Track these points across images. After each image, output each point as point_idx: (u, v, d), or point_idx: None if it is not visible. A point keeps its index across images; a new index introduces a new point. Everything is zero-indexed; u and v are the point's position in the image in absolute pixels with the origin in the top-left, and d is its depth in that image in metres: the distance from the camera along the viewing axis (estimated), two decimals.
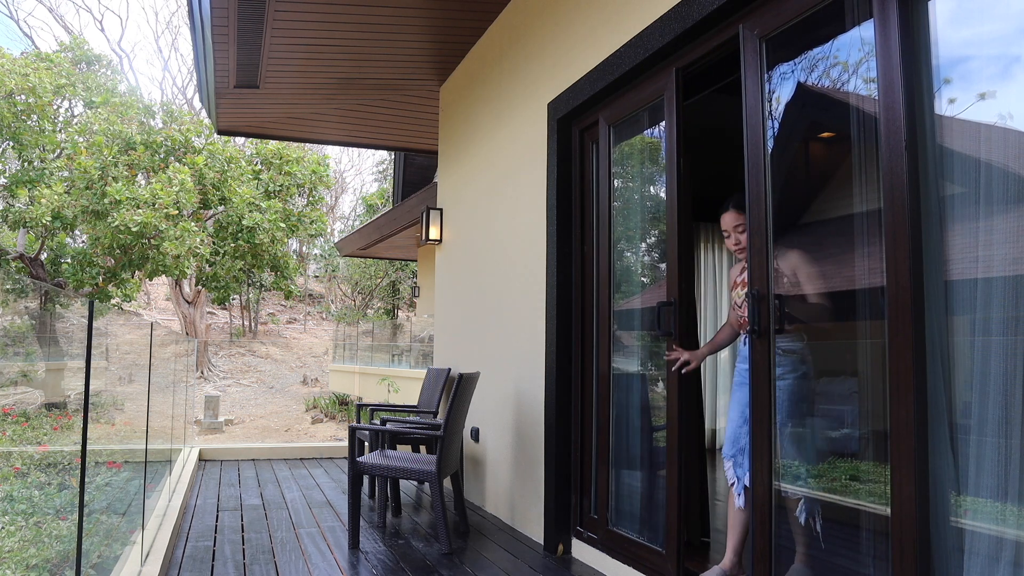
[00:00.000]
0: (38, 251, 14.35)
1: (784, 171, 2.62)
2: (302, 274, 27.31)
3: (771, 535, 2.43)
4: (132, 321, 19.62)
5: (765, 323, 2.46)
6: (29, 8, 45.08)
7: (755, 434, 2.48)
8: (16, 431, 7.52)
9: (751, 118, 2.55)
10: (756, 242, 2.53)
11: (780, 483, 2.52)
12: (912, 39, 2.00)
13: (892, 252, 2.00)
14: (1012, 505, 1.74)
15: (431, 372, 5.85)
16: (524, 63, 4.47)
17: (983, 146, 1.88)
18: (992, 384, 1.79)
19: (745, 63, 2.59)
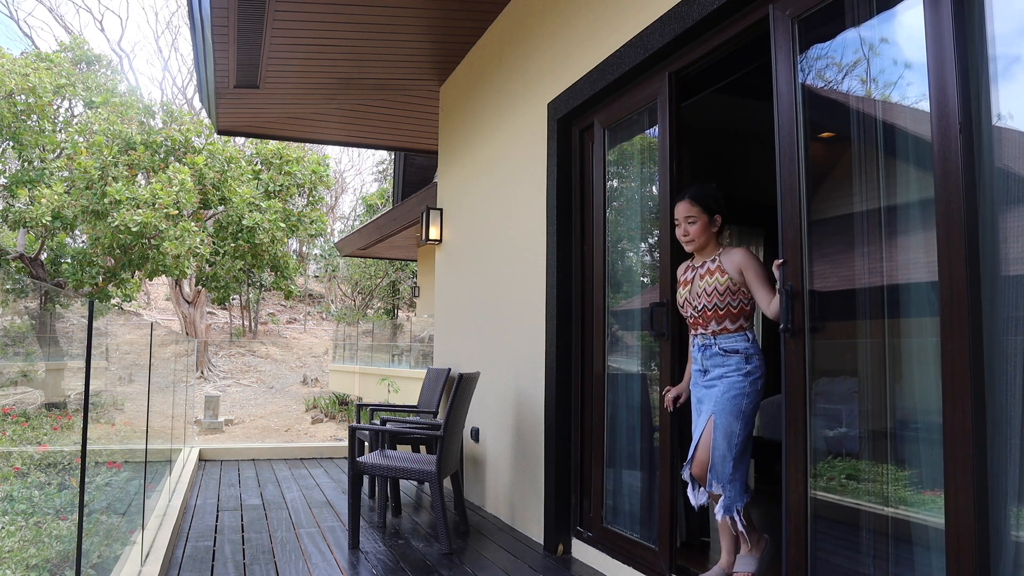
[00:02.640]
0: (38, 251, 14.36)
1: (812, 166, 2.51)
2: (302, 274, 27.31)
3: (807, 545, 2.33)
4: (132, 321, 19.62)
5: (800, 321, 2.36)
6: (29, 8, 45.09)
7: (789, 439, 2.39)
8: (16, 431, 7.52)
9: (783, 103, 2.44)
10: (789, 235, 2.42)
11: (816, 492, 2.40)
12: (964, 13, 1.88)
13: (945, 245, 1.86)
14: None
15: (431, 372, 5.85)
16: (524, 63, 4.47)
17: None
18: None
19: (776, 45, 2.48)
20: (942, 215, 1.89)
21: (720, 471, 2.66)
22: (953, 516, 1.84)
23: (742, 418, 2.65)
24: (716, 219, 2.77)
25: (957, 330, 1.84)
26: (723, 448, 2.66)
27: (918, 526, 2.13)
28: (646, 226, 3.57)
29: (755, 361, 2.69)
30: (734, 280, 2.70)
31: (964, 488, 1.81)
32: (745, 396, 2.66)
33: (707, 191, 2.78)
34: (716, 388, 2.70)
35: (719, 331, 2.72)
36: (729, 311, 2.71)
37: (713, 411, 2.68)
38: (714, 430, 2.67)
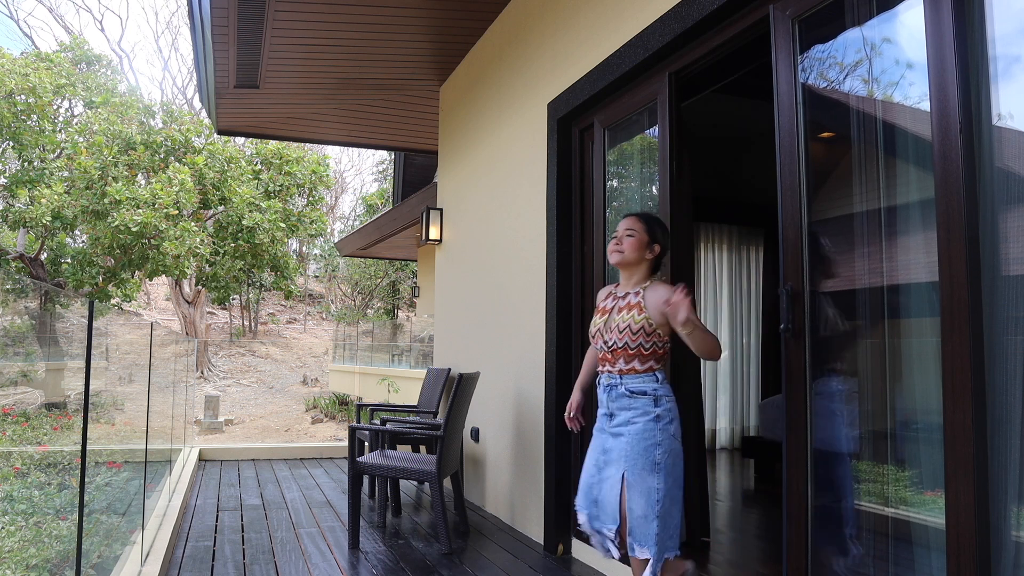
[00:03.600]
0: (38, 251, 14.35)
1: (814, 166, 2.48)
2: (302, 274, 27.31)
3: (808, 550, 2.31)
4: (132, 321, 19.62)
5: (800, 322, 2.35)
6: (29, 8, 45.08)
7: (790, 443, 2.37)
8: (16, 431, 7.52)
9: (783, 103, 2.44)
10: (790, 234, 2.41)
11: (810, 495, 2.37)
12: (964, 13, 1.88)
13: (945, 245, 1.86)
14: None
15: (431, 372, 5.85)
16: (524, 63, 4.47)
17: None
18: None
19: (776, 45, 2.48)
20: (942, 215, 1.89)
21: (642, 534, 2.32)
22: (954, 516, 1.84)
23: (659, 471, 2.34)
24: (655, 247, 2.53)
25: (957, 330, 1.84)
26: (642, 508, 2.33)
27: (918, 526, 2.13)
28: None
29: (665, 403, 2.41)
30: (651, 321, 2.42)
31: (965, 488, 1.81)
32: (658, 445, 2.36)
33: (658, 220, 2.60)
34: (623, 439, 2.40)
35: (627, 370, 2.44)
36: (640, 351, 2.43)
37: (624, 468, 2.37)
38: (628, 490, 2.35)
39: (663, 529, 2.32)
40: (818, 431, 2.38)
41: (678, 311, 2.24)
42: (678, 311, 2.24)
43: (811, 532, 2.33)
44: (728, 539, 3.87)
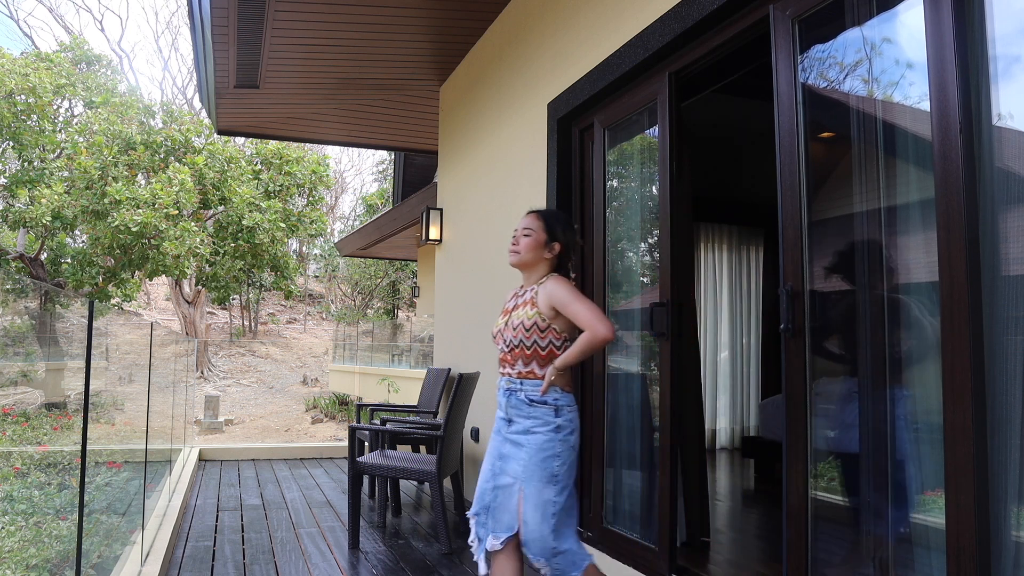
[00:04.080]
0: (38, 251, 14.36)
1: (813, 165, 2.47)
2: (302, 274, 27.31)
3: (808, 547, 2.31)
4: (132, 321, 19.63)
5: (800, 321, 2.35)
6: (29, 8, 45.08)
7: (790, 439, 2.37)
8: (16, 431, 7.52)
9: (783, 103, 2.44)
10: (790, 234, 2.40)
11: (816, 492, 2.37)
12: (964, 13, 1.88)
13: (945, 245, 1.86)
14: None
15: (431, 372, 5.85)
16: (524, 63, 4.47)
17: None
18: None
19: (776, 45, 2.48)
20: (942, 215, 1.89)
21: (539, 548, 2.26)
22: (953, 516, 1.84)
23: (557, 483, 2.28)
24: (554, 246, 2.44)
25: (957, 330, 1.84)
26: (537, 521, 2.25)
27: (918, 526, 2.13)
28: (646, 226, 3.57)
29: (566, 413, 2.33)
30: (543, 316, 2.34)
31: (964, 488, 1.81)
32: (556, 457, 2.29)
33: (559, 217, 2.52)
34: (522, 450, 2.31)
35: (526, 374, 2.35)
36: (537, 352, 2.34)
37: (521, 480, 2.29)
38: (524, 503, 2.27)
39: (560, 541, 2.27)
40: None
41: (551, 296, 2.31)
42: (551, 296, 2.31)
43: (811, 532, 2.33)
44: (728, 539, 3.87)
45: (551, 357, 2.34)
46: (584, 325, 2.24)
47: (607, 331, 2.21)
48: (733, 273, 7.15)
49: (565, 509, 2.31)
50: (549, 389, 2.32)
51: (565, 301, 2.30)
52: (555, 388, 2.33)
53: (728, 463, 6.47)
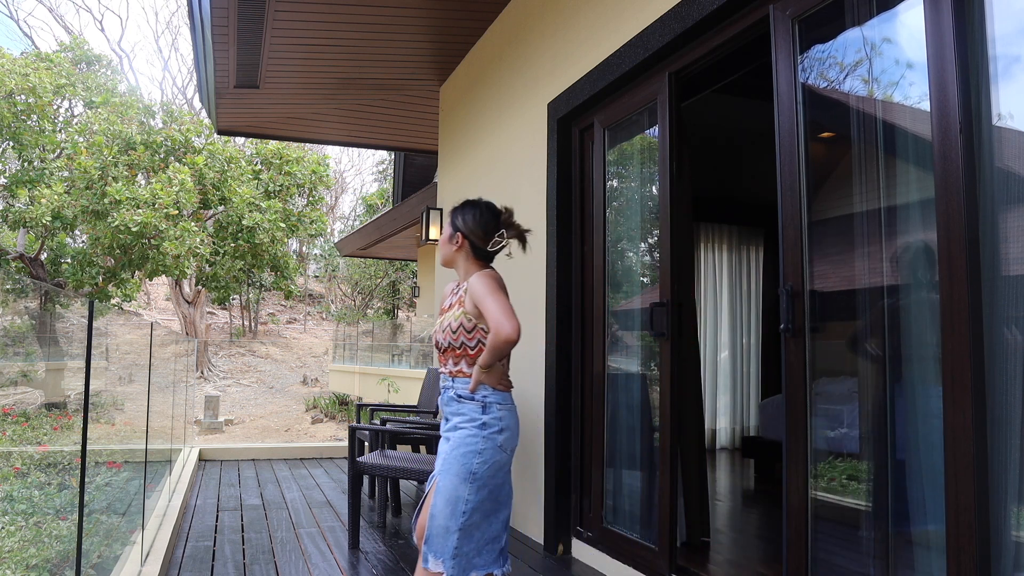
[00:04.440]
0: (38, 251, 14.35)
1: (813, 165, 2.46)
2: (302, 274, 27.30)
3: (807, 547, 2.31)
4: (132, 321, 19.63)
5: (800, 321, 2.34)
6: (29, 8, 45.07)
7: (790, 439, 2.37)
8: (16, 431, 7.52)
9: (783, 103, 2.44)
10: (790, 234, 2.40)
11: (816, 492, 2.37)
12: (964, 13, 1.89)
13: (945, 245, 1.87)
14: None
15: (431, 372, 5.85)
16: (524, 63, 4.47)
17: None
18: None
19: (776, 45, 2.48)
20: (942, 215, 1.89)
21: (438, 545, 2.15)
22: (953, 516, 1.84)
23: (474, 481, 2.17)
24: (456, 237, 2.35)
25: (957, 330, 1.84)
26: (444, 517, 2.16)
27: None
28: (646, 226, 3.58)
29: (495, 411, 2.24)
30: (469, 316, 2.26)
31: (964, 488, 1.81)
32: (477, 454, 2.19)
33: (464, 206, 2.39)
34: (449, 443, 2.26)
35: (456, 372, 2.29)
36: (467, 351, 2.27)
37: (439, 473, 2.23)
38: (435, 495, 2.20)
39: (465, 543, 2.15)
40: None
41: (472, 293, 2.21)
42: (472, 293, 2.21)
43: (811, 531, 2.33)
44: (728, 539, 3.87)
45: (480, 356, 2.27)
46: (489, 324, 2.14)
47: (510, 330, 2.08)
48: (733, 273, 7.15)
49: (480, 511, 2.18)
50: (478, 387, 2.25)
51: (479, 298, 2.20)
52: (485, 386, 2.26)
53: (728, 463, 6.47)
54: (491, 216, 2.38)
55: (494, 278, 2.26)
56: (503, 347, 2.13)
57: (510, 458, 2.30)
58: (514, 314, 2.12)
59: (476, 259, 2.36)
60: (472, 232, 2.34)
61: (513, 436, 2.30)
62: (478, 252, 2.35)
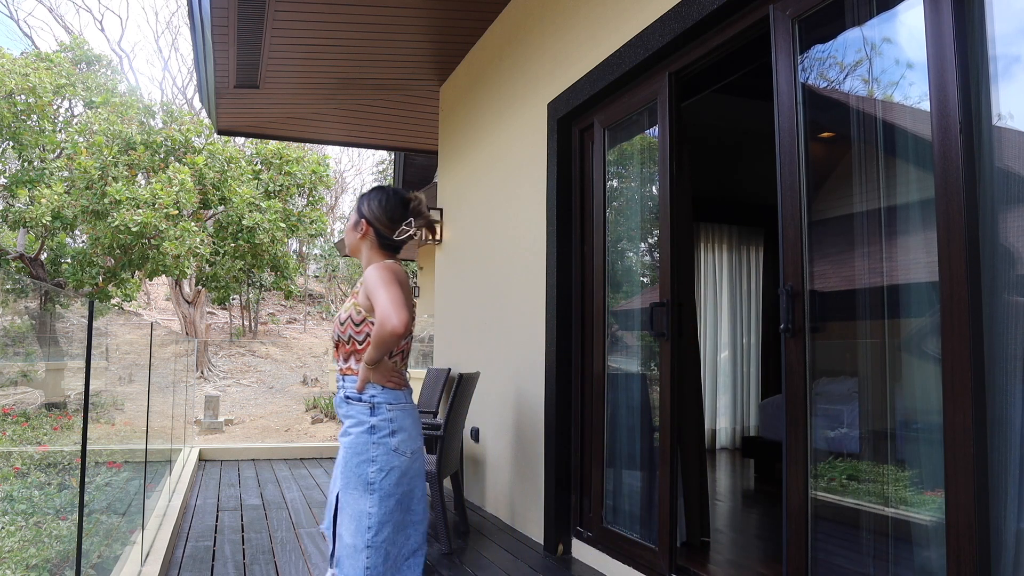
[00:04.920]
0: (38, 251, 14.35)
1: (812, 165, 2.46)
2: (302, 274, 27.29)
3: (807, 547, 2.31)
4: (132, 321, 19.62)
5: (800, 321, 2.34)
6: (29, 8, 45.06)
7: (790, 439, 2.37)
8: (16, 431, 7.52)
9: (783, 103, 2.45)
10: (790, 234, 2.40)
11: (816, 492, 2.36)
12: (964, 13, 1.89)
13: (945, 245, 1.87)
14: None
15: (431, 372, 5.85)
16: (524, 63, 4.47)
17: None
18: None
19: (776, 45, 2.48)
20: (942, 215, 1.89)
21: (349, 567, 2.00)
22: (953, 516, 1.84)
23: (374, 492, 2.01)
24: (361, 224, 2.18)
25: (957, 330, 1.85)
26: (350, 535, 2.00)
27: (919, 526, 2.13)
28: (646, 226, 3.58)
29: (384, 411, 2.06)
30: (359, 309, 2.10)
31: (964, 488, 1.81)
32: (371, 462, 2.02)
33: (372, 192, 2.23)
34: (341, 453, 2.10)
35: (346, 370, 2.14)
36: (355, 347, 2.11)
37: (340, 488, 2.06)
38: (340, 513, 2.05)
39: (379, 561, 1.99)
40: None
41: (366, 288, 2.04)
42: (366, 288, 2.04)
43: (811, 531, 2.33)
44: (728, 539, 3.87)
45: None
46: (377, 316, 1.97)
47: (396, 322, 1.90)
48: (733, 273, 7.15)
49: (391, 524, 2.02)
50: (366, 386, 2.07)
51: (371, 289, 2.02)
52: (374, 384, 2.07)
53: (728, 463, 6.47)
54: (398, 203, 2.19)
55: (391, 270, 2.07)
56: (389, 340, 1.94)
57: (413, 461, 2.10)
58: (405, 307, 1.96)
59: (381, 249, 2.19)
60: (377, 219, 2.17)
61: (411, 437, 2.10)
62: (383, 241, 2.18)
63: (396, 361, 2.15)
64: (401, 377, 2.15)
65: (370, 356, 2.02)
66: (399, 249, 2.23)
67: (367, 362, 2.04)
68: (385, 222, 2.17)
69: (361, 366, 2.07)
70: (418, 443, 2.14)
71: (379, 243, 2.18)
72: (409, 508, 2.08)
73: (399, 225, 2.18)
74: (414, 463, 2.10)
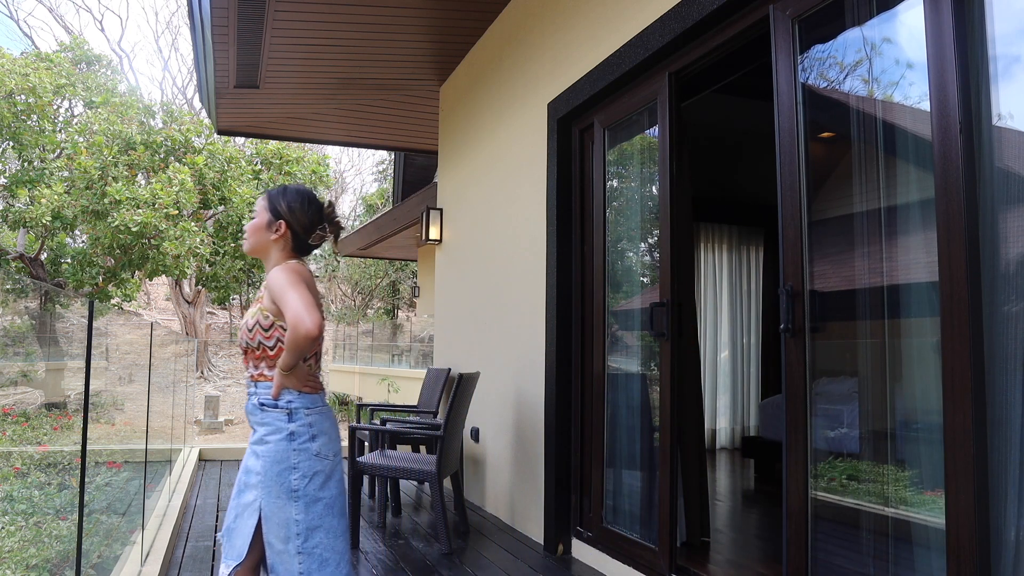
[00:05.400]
0: (38, 251, 14.35)
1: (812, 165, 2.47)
2: None
3: (807, 547, 2.31)
4: (132, 321, 19.62)
5: (800, 321, 2.34)
6: (29, 8, 45.06)
7: (790, 439, 2.37)
8: (16, 431, 7.52)
9: (783, 103, 2.44)
10: (790, 234, 2.40)
11: (816, 492, 2.36)
12: (964, 13, 1.89)
13: (945, 245, 1.87)
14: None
15: (431, 372, 5.85)
16: (524, 63, 4.47)
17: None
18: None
19: (776, 45, 2.48)
20: (942, 215, 1.89)
21: (283, 571, 2.00)
22: (954, 516, 1.84)
23: (299, 499, 1.99)
24: (278, 225, 2.11)
25: (957, 330, 1.85)
26: (280, 541, 1.99)
27: (919, 526, 2.13)
28: (646, 226, 3.58)
29: (302, 417, 2.03)
30: (266, 313, 2.04)
31: (965, 488, 1.81)
32: (293, 469, 2.00)
33: (287, 192, 2.16)
34: (259, 462, 2.03)
35: (258, 376, 2.08)
36: (266, 352, 2.05)
37: (261, 497, 2.02)
38: (264, 522, 2.01)
39: (314, 567, 1.99)
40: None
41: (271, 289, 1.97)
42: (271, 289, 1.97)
43: (811, 531, 2.33)
44: (728, 539, 3.87)
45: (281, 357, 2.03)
46: (287, 319, 1.91)
47: (310, 325, 1.86)
48: (733, 273, 7.15)
49: (323, 529, 2.01)
50: (281, 392, 2.03)
51: (278, 292, 1.96)
52: (290, 390, 2.03)
53: (728, 463, 6.47)
54: (317, 208, 2.17)
55: (297, 271, 2.02)
56: (303, 344, 1.89)
57: (336, 464, 2.09)
58: (316, 308, 1.91)
59: (292, 251, 2.13)
60: (298, 222, 2.12)
61: (331, 440, 2.09)
62: (298, 244, 2.13)
63: (310, 364, 2.09)
64: (316, 380, 2.10)
65: (285, 362, 1.97)
66: (308, 253, 2.20)
67: (282, 368, 1.98)
68: (305, 225, 2.13)
69: (276, 372, 2.02)
70: (338, 445, 2.13)
71: (293, 245, 2.13)
72: (342, 512, 2.08)
73: (314, 230, 2.15)
74: (337, 466, 2.09)
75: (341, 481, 2.11)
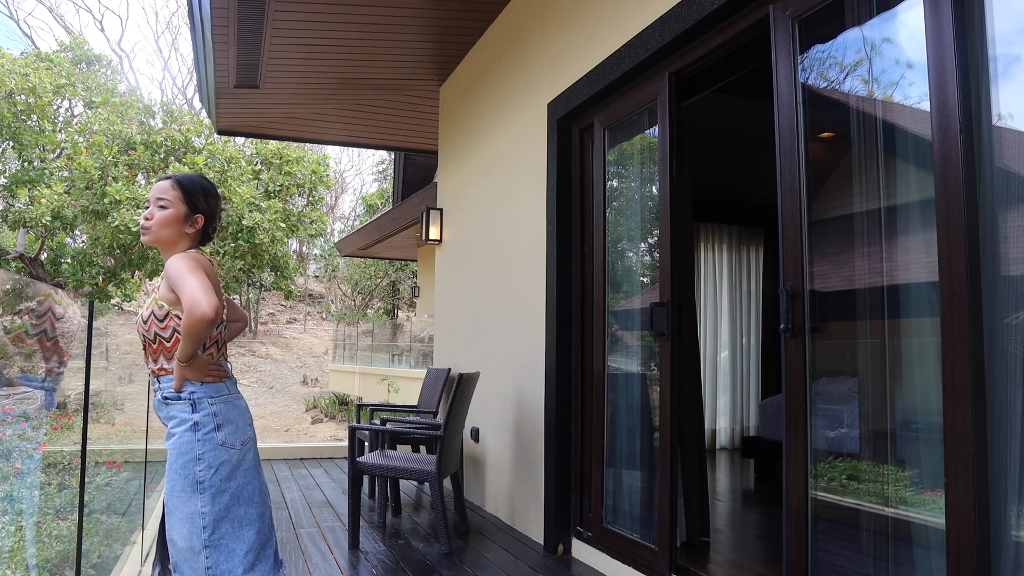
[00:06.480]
0: (38, 251, 14.35)
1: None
2: (302, 274, 27.30)
3: (807, 547, 2.31)
4: (132, 321, 19.60)
5: (800, 321, 2.34)
6: (29, 8, 45.06)
7: (790, 439, 2.37)
8: (16, 431, 7.51)
9: (783, 103, 2.45)
10: (790, 234, 2.40)
11: (816, 492, 2.36)
12: (964, 13, 1.89)
13: (945, 245, 1.87)
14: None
15: (431, 372, 5.85)
16: (524, 63, 4.47)
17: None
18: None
19: (776, 45, 2.49)
20: (942, 215, 1.89)
21: (188, 570, 1.94)
22: (954, 516, 1.84)
23: (204, 491, 1.94)
24: (196, 219, 2.08)
25: (957, 330, 1.85)
26: (184, 538, 1.94)
27: (919, 526, 2.13)
28: (646, 226, 3.58)
29: (207, 407, 1.99)
30: (161, 303, 1.99)
31: (965, 488, 1.81)
32: (197, 460, 1.95)
33: (201, 183, 2.13)
34: (168, 456, 2.00)
35: (159, 371, 2.03)
36: (163, 345, 2.01)
37: (167, 491, 1.98)
38: (168, 518, 1.97)
39: (222, 559, 1.94)
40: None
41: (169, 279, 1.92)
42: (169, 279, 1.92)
43: (811, 531, 2.33)
44: (728, 539, 3.87)
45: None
46: (184, 304, 1.85)
47: (207, 307, 1.81)
48: (733, 273, 7.16)
49: (230, 520, 1.97)
50: (183, 384, 1.98)
51: (175, 278, 1.90)
52: (191, 381, 1.98)
53: (728, 463, 6.47)
54: (218, 199, 2.19)
55: (194, 258, 1.97)
56: (200, 327, 1.83)
57: (245, 453, 2.03)
58: (214, 291, 1.88)
59: (197, 242, 2.13)
60: (212, 215, 2.13)
61: (238, 429, 2.03)
62: (206, 235, 2.13)
63: (212, 353, 2.06)
64: (220, 369, 2.06)
65: (183, 352, 1.91)
66: (208, 243, 2.18)
67: (180, 359, 1.93)
68: (212, 217, 2.14)
69: (175, 365, 1.97)
70: (247, 433, 2.07)
71: (201, 236, 2.13)
72: (251, 501, 2.02)
73: (216, 222, 2.17)
74: (246, 455, 2.04)
75: (252, 470, 2.05)
